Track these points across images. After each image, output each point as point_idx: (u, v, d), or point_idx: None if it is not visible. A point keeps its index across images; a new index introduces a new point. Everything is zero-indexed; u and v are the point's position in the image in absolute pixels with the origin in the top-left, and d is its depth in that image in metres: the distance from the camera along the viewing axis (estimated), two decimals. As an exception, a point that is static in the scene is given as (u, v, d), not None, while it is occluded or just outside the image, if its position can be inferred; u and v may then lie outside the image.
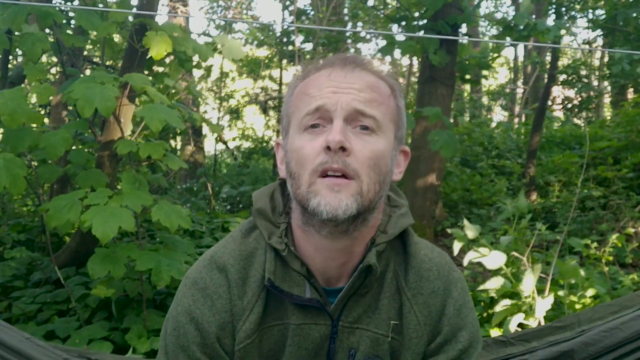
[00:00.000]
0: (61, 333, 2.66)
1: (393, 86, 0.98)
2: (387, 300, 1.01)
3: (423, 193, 5.99)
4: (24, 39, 2.79)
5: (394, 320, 1.00)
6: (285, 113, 1.00)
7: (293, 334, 0.98)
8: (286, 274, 0.98)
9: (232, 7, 11.89)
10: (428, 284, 1.01)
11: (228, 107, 11.51)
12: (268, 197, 1.03)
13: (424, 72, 6.08)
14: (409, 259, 1.02)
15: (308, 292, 0.98)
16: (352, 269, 0.98)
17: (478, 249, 2.80)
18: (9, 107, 2.33)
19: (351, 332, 0.99)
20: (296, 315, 0.98)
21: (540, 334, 1.42)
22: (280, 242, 0.97)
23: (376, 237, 0.98)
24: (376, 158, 0.90)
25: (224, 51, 3.14)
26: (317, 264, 0.98)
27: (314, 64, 0.99)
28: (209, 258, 1.02)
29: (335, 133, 0.87)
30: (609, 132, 7.58)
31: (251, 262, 1.00)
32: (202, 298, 0.98)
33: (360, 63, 0.96)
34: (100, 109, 2.34)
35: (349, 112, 0.90)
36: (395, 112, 0.97)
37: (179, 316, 0.99)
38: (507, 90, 15.17)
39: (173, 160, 2.95)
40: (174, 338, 0.99)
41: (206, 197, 7.07)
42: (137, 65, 3.28)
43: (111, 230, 2.25)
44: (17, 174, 2.28)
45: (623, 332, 1.24)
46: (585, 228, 5.11)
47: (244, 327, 0.97)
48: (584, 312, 1.44)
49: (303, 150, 0.90)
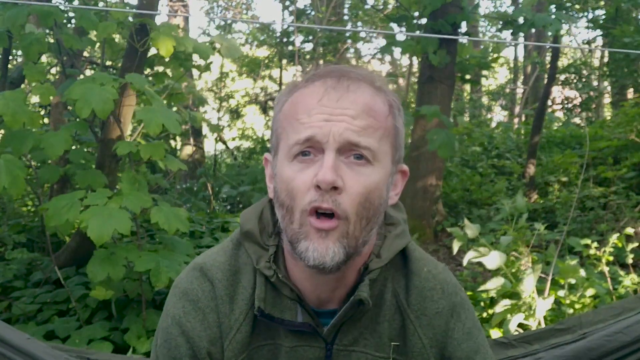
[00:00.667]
0: (61, 333, 2.66)
1: (391, 103, 0.91)
2: (388, 322, 0.97)
3: (423, 193, 5.99)
4: (21, 39, 2.79)
5: (395, 342, 0.96)
6: (274, 130, 0.94)
7: (286, 355, 0.95)
8: (277, 298, 0.95)
9: (232, 7, 11.89)
10: (432, 304, 0.97)
11: (228, 107, 11.51)
12: (256, 218, 0.98)
13: (424, 72, 6.07)
14: (410, 277, 0.98)
15: (300, 315, 0.95)
16: (344, 294, 0.95)
17: (478, 249, 2.80)
18: (10, 108, 2.34)
19: (347, 354, 0.96)
20: (289, 338, 0.95)
21: (542, 336, 1.40)
22: (269, 267, 0.94)
23: (369, 262, 0.94)
24: (369, 193, 0.85)
25: (222, 50, 3.14)
26: (308, 288, 0.94)
27: (304, 76, 0.93)
28: (199, 268, 0.98)
29: (327, 171, 0.82)
30: (609, 132, 7.58)
31: (239, 279, 0.97)
32: (193, 311, 0.95)
33: (355, 78, 0.89)
34: (97, 111, 2.35)
35: (341, 143, 0.84)
36: (393, 134, 0.90)
37: (169, 328, 0.96)
38: (507, 90, 15.17)
39: (172, 161, 2.95)
40: (165, 349, 0.95)
41: (206, 197, 7.07)
42: (137, 65, 3.28)
43: (106, 233, 2.24)
44: (17, 175, 2.28)
45: (626, 336, 1.23)
46: (585, 228, 5.11)
47: (231, 346, 0.94)
48: (585, 315, 1.43)
49: (293, 182, 0.85)
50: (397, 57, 14.50)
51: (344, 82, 0.87)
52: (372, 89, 0.89)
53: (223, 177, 8.71)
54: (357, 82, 0.88)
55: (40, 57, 3.00)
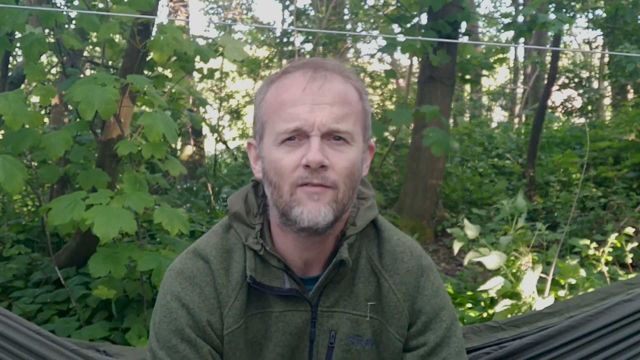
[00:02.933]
0: (61, 333, 2.66)
1: (359, 89, 1.03)
2: (363, 284, 1.09)
3: (423, 193, 5.99)
4: (22, 40, 2.80)
5: (371, 302, 1.08)
6: (257, 117, 1.04)
7: (277, 320, 1.05)
8: (266, 269, 1.05)
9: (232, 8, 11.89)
10: (403, 264, 1.10)
11: (228, 107, 11.50)
12: (242, 201, 1.10)
13: (424, 72, 6.08)
14: (382, 244, 1.11)
15: (287, 282, 1.05)
16: (325, 259, 1.07)
17: (478, 249, 2.80)
18: (11, 109, 2.34)
19: (330, 315, 1.07)
20: (278, 304, 1.05)
21: (531, 319, 1.47)
22: (257, 242, 1.05)
23: (346, 229, 1.06)
24: (351, 167, 0.98)
25: (226, 52, 3.12)
26: (293, 256, 1.05)
27: (282, 70, 1.03)
28: (192, 250, 1.08)
29: (315, 153, 0.94)
30: (609, 132, 7.58)
31: (231, 255, 1.07)
32: (190, 286, 1.04)
33: (329, 69, 1.00)
34: (101, 112, 2.35)
35: (324, 131, 0.95)
36: (363, 116, 1.03)
37: (169, 303, 1.03)
38: (507, 91, 15.17)
39: (173, 165, 2.95)
40: (165, 324, 1.02)
41: (206, 197, 7.07)
42: (137, 65, 3.28)
43: (112, 231, 2.25)
44: (13, 173, 2.28)
45: (608, 317, 1.29)
46: (585, 228, 5.12)
47: (230, 313, 1.03)
48: (572, 299, 1.50)
49: (281, 162, 0.96)
50: (397, 57, 14.52)
51: (321, 72, 0.99)
52: (342, 78, 1.01)
53: (223, 177, 8.71)
54: (330, 72, 1.00)
55: (40, 57, 3.00)
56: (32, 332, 1.30)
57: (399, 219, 5.87)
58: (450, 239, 4.98)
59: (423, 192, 5.98)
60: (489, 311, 2.98)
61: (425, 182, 5.96)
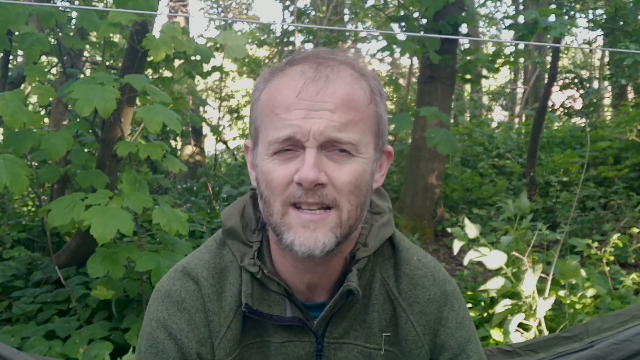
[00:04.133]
0: (61, 333, 2.66)
1: (372, 88, 0.86)
2: (377, 312, 0.95)
3: (423, 193, 5.98)
4: (23, 40, 2.79)
5: (386, 332, 0.95)
6: (252, 119, 0.90)
7: (276, 352, 0.93)
8: (264, 294, 0.93)
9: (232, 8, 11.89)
10: (424, 292, 0.96)
11: (228, 107, 11.51)
12: (239, 215, 0.96)
13: (424, 72, 6.07)
14: (400, 266, 0.96)
15: (289, 309, 0.93)
16: (333, 283, 0.93)
17: (478, 249, 2.80)
18: (10, 109, 2.33)
19: (338, 347, 0.94)
20: (279, 334, 0.93)
21: (548, 344, 1.38)
22: (254, 264, 0.91)
23: (356, 251, 0.92)
24: (355, 182, 0.82)
25: (226, 50, 3.11)
26: (295, 280, 0.92)
27: (282, 63, 0.89)
28: (182, 269, 0.95)
29: (308, 169, 0.79)
30: (610, 132, 7.58)
31: (225, 276, 0.94)
32: (178, 312, 0.92)
33: (334, 65, 0.84)
34: (100, 110, 2.34)
35: (322, 141, 0.81)
36: (375, 122, 0.86)
37: (154, 332, 0.92)
38: (508, 90, 15.16)
39: (173, 162, 2.95)
40: (151, 356, 0.91)
41: (206, 197, 7.07)
42: (137, 65, 3.28)
43: (109, 232, 2.25)
44: (18, 173, 2.28)
45: (635, 344, 1.21)
46: (585, 228, 5.11)
47: (222, 345, 0.92)
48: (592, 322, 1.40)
49: (272, 175, 0.83)
50: (397, 57, 14.51)
51: (322, 72, 0.83)
52: (352, 74, 0.85)
53: (223, 177, 8.71)
54: (336, 69, 0.84)
55: (40, 57, 3.00)
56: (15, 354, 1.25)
57: (399, 219, 5.86)
58: (451, 238, 4.97)
59: (423, 192, 5.98)
60: (489, 311, 2.98)
61: (425, 182, 5.96)
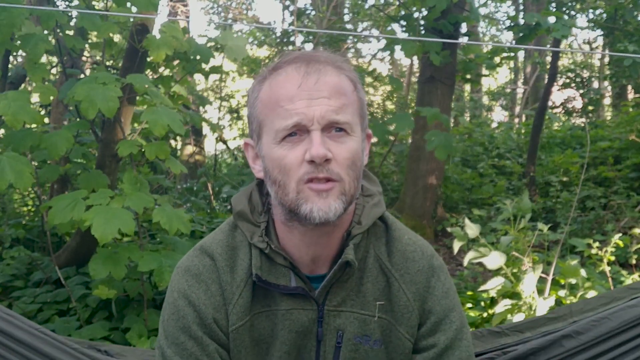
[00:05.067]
0: (61, 333, 2.65)
1: (353, 79, 1.02)
2: (371, 283, 1.08)
3: (423, 193, 5.98)
4: (26, 40, 2.79)
5: (379, 301, 1.07)
6: (253, 116, 1.03)
7: (283, 318, 1.05)
8: (272, 267, 1.05)
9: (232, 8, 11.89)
10: (414, 264, 1.09)
11: (229, 107, 11.50)
12: (247, 199, 1.10)
13: (424, 72, 6.07)
14: (392, 243, 1.10)
15: (293, 280, 1.05)
16: (332, 257, 1.06)
17: (478, 249, 2.80)
18: (12, 108, 2.33)
19: (337, 314, 1.06)
20: (285, 302, 1.05)
21: (534, 324, 1.47)
22: (262, 241, 1.05)
23: (351, 228, 1.05)
24: (353, 157, 0.98)
25: (226, 51, 3.11)
26: (301, 253, 1.05)
27: (273, 65, 1.02)
28: (199, 248, 1.09)
29: (318, 147, 0.93)
30: (610, 132, 7.58)
31: (237, 253, 1.07)
32: (196, 283, 1.05)
33: (322, 61, 0.99)
34: (104, 110, 2.34)
35: (324, 124, 0.95)
36: (359, 105, 1.03)
37: (176, 301, 1.05)
38: (508, 90, 15.16)
39: (175, 163, 2.95)
40: (173, 322, 1.04)
41: (206, 196, 7.07)
42: (137, 65, 3.28)
43: (110, 232, 2.25)
44: (21, 170, 2.28)
45: (612, 322, 1.28)
46: (585, 228, 5.11)
47: (235, 310, 1.04)
48: (576, 304, 1.50)
49: (285, 159, 0.96)
50: (398, 57, 14.51)
51: (314, 67, 0.98)
52: (335, 69, 1.00)
53: (223, 177, 8.71)
54: (323, 65, 0.99)
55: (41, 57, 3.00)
56: (35, 330, 1.30)
57: (399, 219, 5.86)
58: (451, 238, 4.97)
59: (423, 192, 5.98)
60: (489, 311, 2.98)
61: (425, 182, 5.96)
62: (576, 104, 9.29)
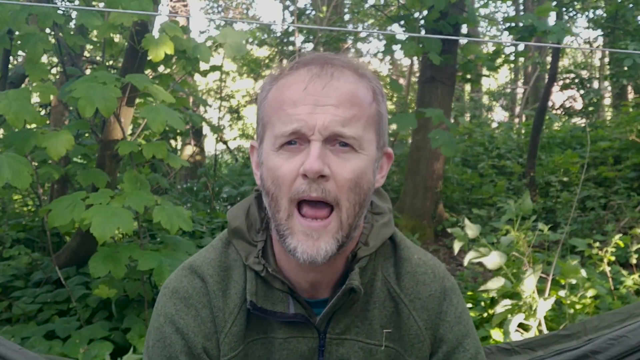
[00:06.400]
0: (61, 333, 2.66)
1: (374, 89, 0.91)
2: (378, 309, 0.98)
3: (423, 193, 5.98)
4: (26, 39, 2.79)
5: (387, 329, 0.98)
6: (259, 118, 0.94)
7: (280, 347, 0.96)
8: (268, 291, 0.96)
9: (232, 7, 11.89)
10: (425, 288, 1.00)
11: (229, 107, 11.51)
12: (244, 215, 0.99)
13: (424, 72, 6.07)
14: (401, 264, 1.00)
15: (292, 306, 0.96)
16: (335, 281, 0.96)
17: (478, 249, 2.80)
18: (13, 107, 2.33)
19: (340, 343, 0.97)
20: (282, 330, 0.96)
21: (546, 342, 1.40)
22: (258, 262, 0.94)
23: (357, 250, 0.95)
24: (357, 178, 0.86)
25: (225, 48, 3.10)
26: (298, 278, 0.95)
27: (289, 64, 0.93)
28: (188, 267, 0.99)
29: (313, 160, 0.82)
30: (610, 132, 7.58)
31: (230, 274, 0.97)
32: (185, 307, 0.95)
33: (338, 65, 0.89)
34: (101, 109, 2.34)
35: (326, 135, 0.84)
36: (376, 120, 0.91)
37: (162, 327, 0.95)
38: (508, 90, 15.16)
39: (175, 159, 2.95)
40: (158, 349, 0.94)
41: (206, 197, 7.07)
42: (137, 65, 3.28)
43: (110, 230, 2.24)
44: (20, 169, 2.28)
45: (631, 340, 1.22)
46: (585, 228, 5.11)
47: (227, 340, 0.95)
48: (590, 320, 1.42)
49: (279, 170, 0.86)
50: (398, 57, 14.51)
51: (328, 70, 0.88)
52: (355, 75, 0.90)
53: (223, 177, 8.71)
54: (340, 69, 0.89)
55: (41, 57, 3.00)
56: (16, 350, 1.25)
57: (399, 219, 5.86)
58: (451, 239, 4.97)
59: (423, 192, 5.98)
60: (489, 311, 2.98)
61: (425, 182, 5.96)
62: (576, 104, 9.28)
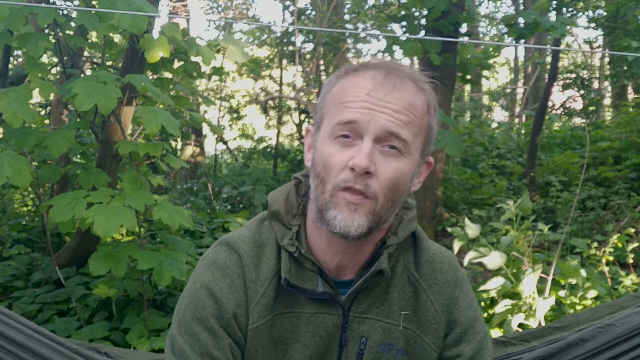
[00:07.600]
0: (61, 333, 2.66)
1: (429, 103, 1.00)
2: (398, 292, 1.08)
3: (423, 193, 5.98)
4: (26, 39, 2.79)
5: (405, 311, 1.07)
6: (320, 106, 1.03)
7: (307, 322, 1.05)
8: (300, 271, 1.04)
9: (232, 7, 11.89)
10: (442, 275, 1.10)
11: (229, 107, 11.50)
12: (283, 200, 1.08)
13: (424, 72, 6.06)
14: (421, 254, 1.11)
15: (320, 285, 1.05)
16: (362, 264, 1.06)
17: (478, 249, 2.80)
18: (12, 107, 2.33)
19: (361, 321, 1.06)
20: (310, 306, 1.05)
21: (540, 334, 1.47)
22: (292, 244, 1.03)
23: (387, 238, 1.05)
24: (397, 179, 0.95)
25: (227, 54, 3.10)
26: (328, 258, 1.04)
27: (356, 65, 1.01)
28: (226, 242, 1.08)
29: (363, 157, 0.91)
30: (610, 132, 7.58)
31: (263, 251, 1.06)
32: (221, 276, 1.04)
33: (401, 75, 0.97)
34: (100, 107, 2.33)
35: (380, 133, 0.93)
36: (426, 130, 0.99)
37: (197, 291, 1.04)
38: (508, 91, 15.16)
39: (174, 159, 2.95)
40: (190, 311, 1.03)
41: (206, 197, 7.07)
42: (137, 66, 3.28)
43: (113, 228, 2.24)
44: (20, 167, 2.28)
45: (618, 328, 1.27)
46: (585, 228, 5.11)
47: (257, 309, 1.03)
48: (582, 313, 1.49)
49: (331, 158, 0.95)
50: (398, 57, 14.50)
51: (391, 79, 0.95)
52: (414, 87, 0.98)
53: (224, 177, 8.71)
54: (402, 79, 0.97)
55: (41, 57, 3.00)
56: (32, 331, 1.29)
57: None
58: (451, 239, 4.97)
59: (423, 192, 5.97)
60: (489, 311, 2.98)
61: (425, 182, 5.94)
62: (576, 104, 9.29)
